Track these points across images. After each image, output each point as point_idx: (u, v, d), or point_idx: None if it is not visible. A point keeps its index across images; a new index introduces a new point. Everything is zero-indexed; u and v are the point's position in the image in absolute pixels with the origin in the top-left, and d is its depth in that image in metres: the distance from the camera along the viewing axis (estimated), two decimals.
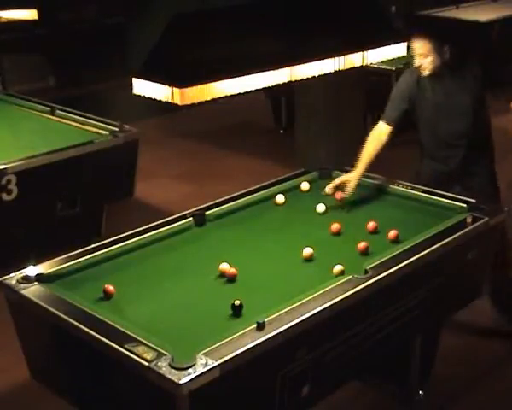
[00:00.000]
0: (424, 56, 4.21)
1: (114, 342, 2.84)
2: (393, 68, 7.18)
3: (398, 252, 3.51)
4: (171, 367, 2.66)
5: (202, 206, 4.08)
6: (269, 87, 3.24)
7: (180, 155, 7.99)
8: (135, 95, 3.06)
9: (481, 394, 4.14)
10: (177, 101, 2.89)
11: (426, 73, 4.29)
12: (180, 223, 3.92)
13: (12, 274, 3.39)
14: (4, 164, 4.93)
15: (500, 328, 4.46)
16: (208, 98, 2.96)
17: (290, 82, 3.29)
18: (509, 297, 4.54)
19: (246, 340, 2.82)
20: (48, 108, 6.18)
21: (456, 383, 4.20)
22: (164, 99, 2.94)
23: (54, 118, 6.05)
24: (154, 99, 2.99)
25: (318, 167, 4.63)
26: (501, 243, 4.15)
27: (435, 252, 3.55)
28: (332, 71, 3.42)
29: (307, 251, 3.56)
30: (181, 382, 2.60)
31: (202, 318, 3.13)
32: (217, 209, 4.07)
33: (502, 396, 4.11)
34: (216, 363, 2.68)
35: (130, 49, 9.38)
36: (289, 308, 3.03)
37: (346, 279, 3.26)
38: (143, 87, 3.00)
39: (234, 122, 9.02)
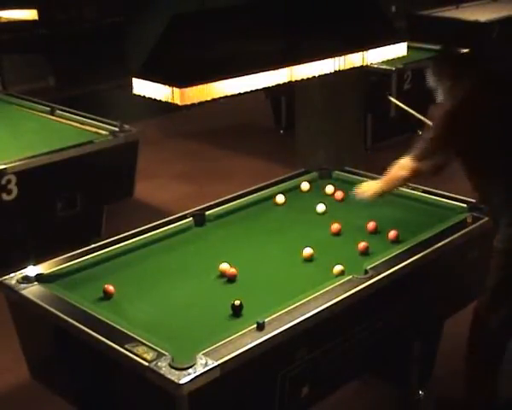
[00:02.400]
0: (435, 90, 3.78)
1: (114, 342, 2.84)
2: (393, 68, 7.18)
3: (398, 252, 3.51)
4: (171, 367, 2.66)
5: (202, 206, 4.08)
6: (269, 87, 3.24)
7: (180, 155, 7.98)
8: (135, 95, 3.06)
9: None
10: (177, 101, 2.89)
11: None
12: (180, 223, 3.92)
13: (12, 274, 3.39)
14: (4, 164, 4.93)
15: None
16: (208, 98, 2.96)
17: (290, 82, 3.29)
18: None
19: (246, 340, 2.82)
20: (48, 108, 6.18)
21: (456, 383, 4.19)
22: (164, 99, 2.94)
23: (54, 118, 6.05)
24: (154, 99, 3.00)
25: (318, 167, 4.63)
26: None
27: (435, 252, 3.55)
28: (332, 71, 3.42)
29: (307, 251, 3.56)
30: (181, 382, 2.60)
31: (202, 318, 3.13)
32: (217, 209, 4.07)
33: (501, 396, 4.11)
34: (216, 363, 2.68)
35: (130, 49, 9.40)
36: (289, 308, 3.03)
37: (346, 279, 3.26)
38: (143, 87, 3.00)
39: (234, 122, 9.01)
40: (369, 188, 3.88)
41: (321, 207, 4.08)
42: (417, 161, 3.59)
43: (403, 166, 3.68)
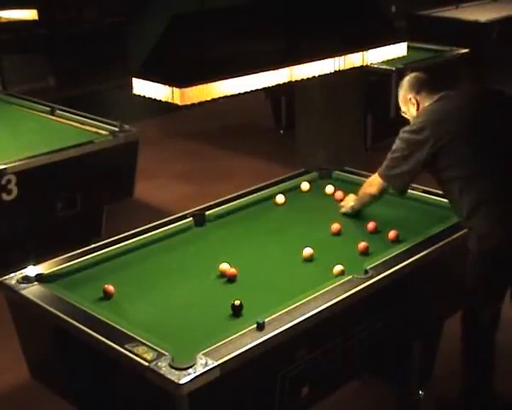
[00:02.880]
0: (404, 114, 3.83)
1: (114, 342, 2.84)
2: (393, 68, 7.18)
3: (398, 252, 3.51)
4: (171, 367, 2.66)
5: (202, 206, 4.08)
6: (269, 87, 3.24)
7: (180, 155, 7.98)
8: (135, 95, 3.06)
9: None
10: (177, 101, 2.89)
11: None
12: (180, 223, 3.92)
13: (12, 274, 3.39)
14: (4, 164, 4.93)
15: None
16: (208, 98, 2.97)
17: (290, 82, 3.29)
18: None
19: (246, 340, 2.82)
20: (48, 108, 6.18)
21: (456, 383, 4.19)
22: (164, 99, 2.94)
23: (54, 118, 6.05)
24: (154, 99, 3.00)
25: (318, 167, 4.63)
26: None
27: (435, 252, 3.55)
28: (332, 71, 3.42)
29: (307, 251, 3.56)
30: (181, 382, 2.60)
31: (202, 318, 3.13)
32: (217, 209, 4.07)
33: (501, 396, 4.11)
34: (216, 363, 2.68)
35: (130, 49, 9.40)
36: (289, 308, 3.03)
37: (346, 279, 3.26)
38: (143, 87, 3.00)
39: (234, 122, 9.02)
40: (347, 202, 4.05)
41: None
42: (384, 176, 3.69)
43: (371, 182, 3.84)
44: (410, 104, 3.72)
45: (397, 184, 3.75)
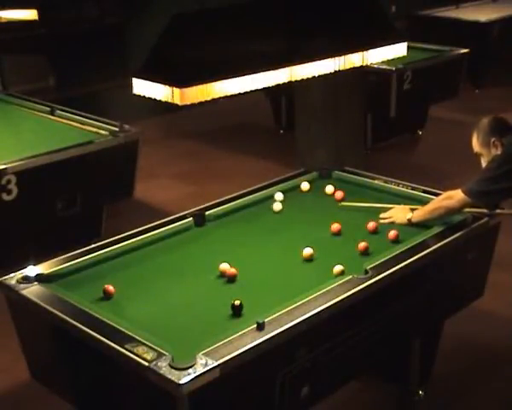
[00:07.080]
0: (480, 155, 3.76)
1: (114, 342, 2.84)
2: (393, 68, 7.19)
3: (398, 252, 3.51)
4: (171, 367, 2.66)
5: (202, 206, 4.09)
6: (269, 87, 3.24)
7: (180, 155, 7.98)
8: (135, 95, 3.06)
9: (481, 393, 4.13)
10: (177, 101, 2.89)
11: None
12: (180, 223, 3.92)
13: (12, 274, 3.39)
14: (4, 164, 4.93)
15: None
16: (208, 98, 2.97)
17: (290, 82, 3.29)
18: None
19: (246, 340, 2.82)
20: (48, 108, 6.18)
21: (456, 383, 4.20)
22: (164, 99, 2.94)
23: (54, 118, 6.05)
24: (154, 99, 3.00)
25: (318, 167, 4.63)
26: None
27: (435, 252, 3.55)
28: (332, 71, 3.43)
29: (307, 251, 3.56)
30: (181, 382, 2.60)
31: (202, 318, 3.13)
32: (217, 209, 4.07)
33: (502, 396, 4.11)
34: (216, 363, 2.68)
35: (130, 49, 9.39)
36: (289, 308, 3.03)
37: (346, 279, 3.26)
38: (143, 87, 3.00)
39: (234, 122, 9.02)
40: (401, 215, 3.89)
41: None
42: (469, 195, 3.63)
43: (450, 196, 3.74)
44: (492, 147, 3.68)
45: (484, 201, 3.72)
